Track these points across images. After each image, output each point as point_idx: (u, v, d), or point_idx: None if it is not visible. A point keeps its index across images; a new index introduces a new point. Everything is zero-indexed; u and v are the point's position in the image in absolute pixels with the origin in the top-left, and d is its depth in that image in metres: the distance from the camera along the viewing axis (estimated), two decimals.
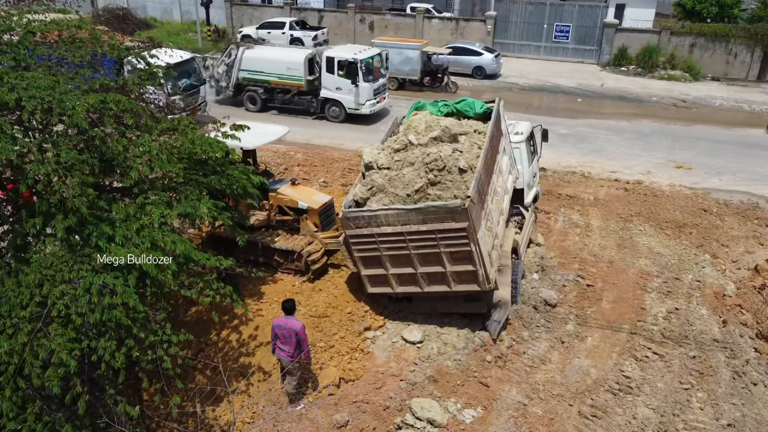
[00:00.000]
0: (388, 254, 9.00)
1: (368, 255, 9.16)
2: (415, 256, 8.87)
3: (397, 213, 8.61)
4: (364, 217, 8.82)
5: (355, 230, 8.92)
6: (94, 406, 6.70)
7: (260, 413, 8.24)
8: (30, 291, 6.06)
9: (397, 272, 9.20)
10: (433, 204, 8.54)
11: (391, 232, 8.75)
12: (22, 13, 8.35)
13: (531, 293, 10.81)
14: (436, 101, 11.23)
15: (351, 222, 8.90)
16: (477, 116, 10.70)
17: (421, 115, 10.63)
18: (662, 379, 9.08)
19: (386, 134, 10.63)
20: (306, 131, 19.66)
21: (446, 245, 8.62)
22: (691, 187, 15.98)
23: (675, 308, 10.73)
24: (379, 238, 8.86)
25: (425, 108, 11.10)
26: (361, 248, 9.13)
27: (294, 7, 35.09)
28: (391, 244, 8.90)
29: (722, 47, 28.42)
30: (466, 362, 9.07)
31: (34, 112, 6.27)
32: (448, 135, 9.52)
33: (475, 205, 8.41)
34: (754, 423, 8.32)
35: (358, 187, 9.58)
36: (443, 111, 10.91)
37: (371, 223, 8.76)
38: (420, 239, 8.70)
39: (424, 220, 8.52)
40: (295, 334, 7.93)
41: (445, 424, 8.05)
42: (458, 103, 10.93)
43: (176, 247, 6.64)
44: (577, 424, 8.23)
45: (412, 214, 8.55)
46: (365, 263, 9.31)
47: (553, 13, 30.99)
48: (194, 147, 7.74)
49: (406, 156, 9.50)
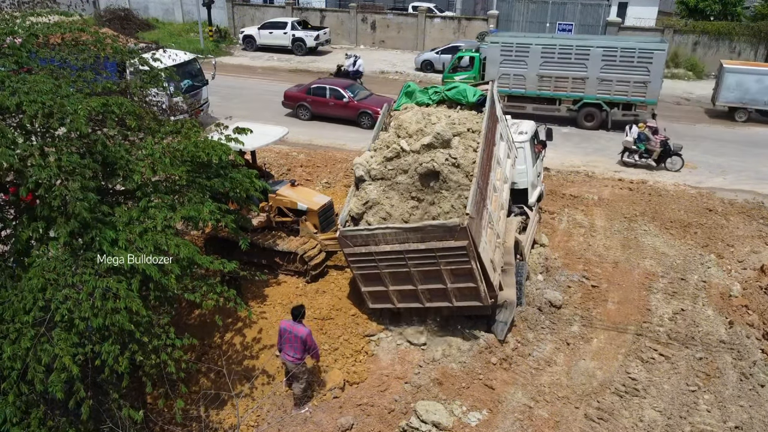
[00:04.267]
0: (387, 272, 8.83)
1: (368, 272, 8.99)
2: (416, 273, 8.71)
3: (395, 232, 8.44)
4: (362, 236, 8.64)
5: (354, 249, 8.74)
6: (98, 411, 6.68)
7: (265, 417, 8.21)
8: (33, 295, 6.02)
9: (398, 289, 9.04)
10: (431, 223, 8.40)
11: (389, 250, 8.58)
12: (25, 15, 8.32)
13: (536, 294, 10.74)
14: (426, 88, 10.67)
15: (349, 240, 8.73)
16: (470, 104, 10.20)
17: (411, 112, 10.14)
18: (668, 380, 9.02)
19: (377, 128, 10.28)
20: (308, 132, 19.63)
21: (446, 263, 8.47)
22: (696, 187, 15.90)
23: (681, 309, 10.66)
24: (378, 257, 8.69)
25: (415, 94, 10.52)
26: (361, 266, 8.97)
27: (296, 7, 35.04)
28: (390, 262, 8.73)
29: (725, 45, 28.31)
30: (471, 364, 9.02)
31: (35, 116, 6.24)
32: (440, 141, 9.16)
33: (474, 219, 8.23)
34: (761, 425, 8.26)
35: (353, 201, 9.37)
36: (434, 99, 10.38)
37: (369, 242, 8.59)
38: (419, 257, 8.55)
39: (422, 239, 8.34)
40: (301, 340, 7.90)
41: (450, 426, 8.00)
42: (450, 90, 10.33)
43: (179, 251, 6.60)
44: (583, 426, 8.18)
45: (410, 233, 8.37)
46: (365, 280, 9.15)
47: (555, 11, 30.87)
48: (197, 150, 7.70)
49: (399, 164, 9.32)
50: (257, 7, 36.07)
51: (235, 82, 25.81)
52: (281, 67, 29.68)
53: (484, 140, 9.14)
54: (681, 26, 29.18)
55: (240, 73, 27.85)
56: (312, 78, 24.51)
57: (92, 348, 6.07)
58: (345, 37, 34.26)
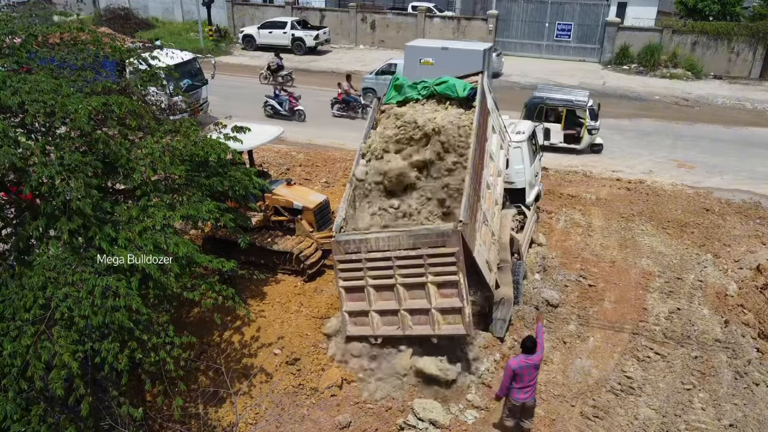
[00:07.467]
0: (373, 283, 8.57)
1: (353, 284, 8.71)
2: (401, 286, 8.45)
3: (387, 237, 8.34)
4: (354, 241, 8.50)
5: (345, 255, 8.57)
6: (98, 408, 6.73)
7: (263, 414, 8.27)
8: (33, 293, 6.09)
9: (380, 309, 8.68)
10: (424, 227, 8.31)
11: (380, 257, 8.39)
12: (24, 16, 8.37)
13: (533, 293, 10.81)
14: (415, 82, 10.30)
15: (341, 246, 8.57)
16: (460, 99, 9.87)
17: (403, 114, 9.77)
18: (664, 379, 9.09)
19: (367, 125, 10.09)
20: (307, 131, 19.69)
21: (435, 273, 8.21)
22: (693, 186, 15.96)
23: (677, 308, 10.72)
24: (367, 263, 8.47)
25: (404, 89, 10.20)
26: (348, 275, 8.69)
27: (295, 6, 35.08)
28: (378, 270, 8.49)
29: (724, 45, 28.36)
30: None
31: (37, 115, 6.30)
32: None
33: (467, 224, 8.08)
34: (756, 423, 8.32)
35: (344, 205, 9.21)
36: (423, 94, 10.07)
37: (361, 248, 8.44)
38: (408, 266, 8.33)
39: (414, 244, 8.19)
40: (536, 366, 7.49)
41: (448, 424, 8.07)
42: (439, 85, 10.00)
43: (179, 249, 6.67)
44: (579, 424, 8.24)
45: (402, 239, 8.25)
46: (348, 293, 8.81)
47: (554, 11, 30.96)
48: (196, 149, 7.76)
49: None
50: (257, 7, 36.12)
51: (234, 81, 25.86)
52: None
53: (475, 138, 8.96)
54: (680, 26, 29.24)
55: (240, 72, 27.90)
56: (312, 78, 24.55)
57: (92, 346, 6.13)
58: (344, 36, 34.31)
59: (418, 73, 19.95)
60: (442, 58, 20.51)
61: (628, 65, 29.42)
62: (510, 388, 7.45)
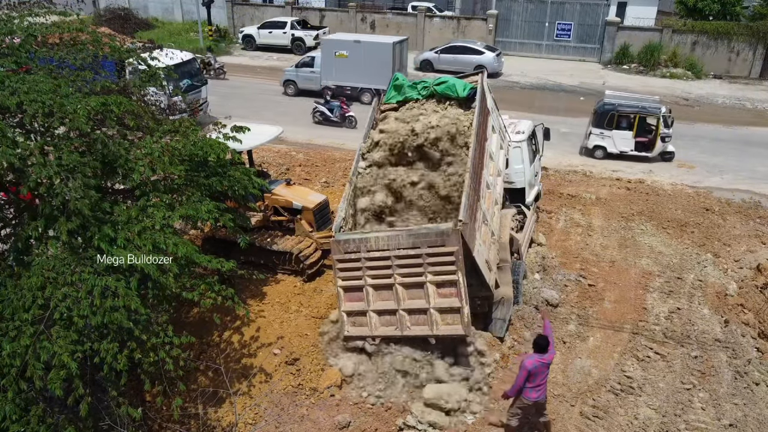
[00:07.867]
0: (372, 283, 8.54)
1: (352, 283, 8.68)
2: (400, 285, 8.42)
3: (387, 237, 8.34)
4: (354, 241, 8.49)
5: (344, 255, 8.55)
6: (97, 408, 6.73)
7: (262, 414, 8.26)
8: (32, 294, 6.08)
9: (379, 309, 8.64)
10: (424, 227, 8.32)
11: (378, 256, 8.38)
12: (23, 16, 8.37)
13: (533, 293, 10.80)
14: (415, 82, 10.30)
15: (341, 246, 8.55)
16: (460, 99, 9.88)
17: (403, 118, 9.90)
18: (664, 379, 9.08)
19: (367, 126, 10.12)
20: (307, 131, 19.68)
21: (434, 272, 8.19)
22: (693, 186, 15.96)
23: (677, 308, 10.72)
24: (366, 263, 8.46)
25: (404, 89, 10.20)
26: (347, 274, 8.67)
27: (295, 6, 35.08)
28: (377, 270, 8.47)
29: (724, 45, 28.35)
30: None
31: (36, 115, 6.29)
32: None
33: (467, 224, 8.07)
34: (756, 423, 8.32)
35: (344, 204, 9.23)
36: (423, 94, 10.08)
37: (361, 248, 8.43)
38: (407, 265, 8.31)
39: (414, 244, 8.19)
40: (548, 365, 7.49)
41: (447, 425, 8.05)
42: (439, 85, 10.00)
43: (178, 250, 6.66)
44: (579, 424, 8.24)
45: (402, 238, 8.25)
46: (347, 293, 8.78)
47: (554, 11, 30.95)
48: (195, 149, 7.75)
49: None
50: (257, 7, 36.11)
51: (234, 81, 25.85)
52: (281, 66, 29.62)
53: (475, 139, 8.96)
54: (680, 26, 29.22)
55: (239, 72, 27.88)
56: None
57: (91, 346, 6.13)
58: None
59: (334, 64, 22.34)
60: (355, 51, 22.30)
61: (628, 65, 29.41)
62: (523, 388, 7.45)
